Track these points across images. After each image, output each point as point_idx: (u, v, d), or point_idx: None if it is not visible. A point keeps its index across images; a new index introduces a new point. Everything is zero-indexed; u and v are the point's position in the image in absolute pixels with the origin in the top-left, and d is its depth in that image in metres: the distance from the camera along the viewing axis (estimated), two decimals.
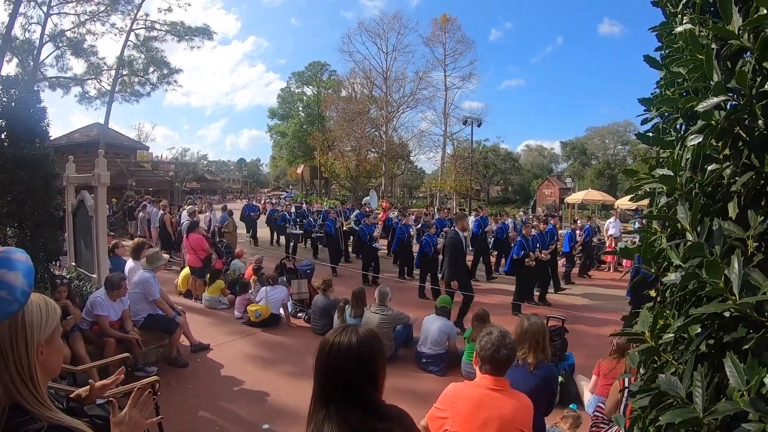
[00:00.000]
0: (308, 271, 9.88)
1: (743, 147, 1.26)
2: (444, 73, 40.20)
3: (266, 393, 5.54)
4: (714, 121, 1.27)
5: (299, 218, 17.19)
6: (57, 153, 7.83)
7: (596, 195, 33.82)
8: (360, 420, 1.46)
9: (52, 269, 6.18)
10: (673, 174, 1.39)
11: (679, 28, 1.52)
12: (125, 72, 30.55)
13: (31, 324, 1.35)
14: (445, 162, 42.50)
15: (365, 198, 21.05)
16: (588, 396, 5.11)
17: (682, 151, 1.43)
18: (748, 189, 1.23)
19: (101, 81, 30.10)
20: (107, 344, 5.51)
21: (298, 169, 53.45)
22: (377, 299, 6.77)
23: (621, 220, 18.10)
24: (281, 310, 8.20)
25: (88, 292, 6.23)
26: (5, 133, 5.47)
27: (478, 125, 34.14)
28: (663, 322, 1.44)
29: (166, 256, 8.54)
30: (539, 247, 10.15)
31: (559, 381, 4.99)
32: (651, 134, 1.73)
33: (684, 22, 1.55)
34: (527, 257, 9.57)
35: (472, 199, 41.20)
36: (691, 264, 1.24)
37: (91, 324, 5.63)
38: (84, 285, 6.55)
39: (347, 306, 7.16)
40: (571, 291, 11.86)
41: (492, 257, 14.20)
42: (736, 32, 1.21)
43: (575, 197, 34.24)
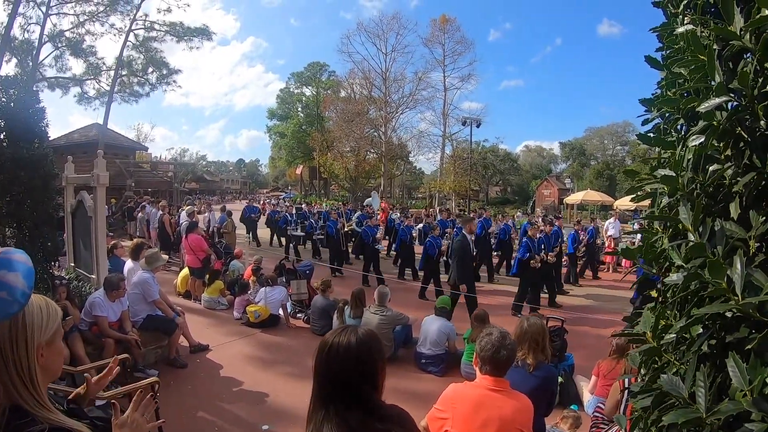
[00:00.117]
0: (307, 272, 9.88)
1: (745, 147, 1.26)
2: (443, 73, 40.18)
3: (265, 394, 5.54)
4: (716, 122, 1.28)
5: (300, 219, 17.10)
6: (56, 153, 7.83)
7: (595, 196, 33.89)
8: (359, 420, 1.45)
9: (51, 270, 6.17)
10: (674, 174, 1.39)
11: (680, 29, 1.52)
12: (124, 72, 30.49)
13: (31, 325, 1.34)
14: (444, 162, 42.51)
15: (367, 199, 20.99)
16: (588, 396, 5.12)
17: (683, 151, 1.43)
18: (749, 189, 1.23)
19: (100, 81, 30.06)
20: (106, 345, 5.51)
21: (297, 170, 53.44)
22: (376, 300, 6.77)
23: (620, 220, 18.12)
24: (280, 311, 8.19)
25: (87, 292, 6.23)
26: (4, 133, 5.46)
27: (477, 126, 34.11)
28: (665, 323, 1.44)
29: (165, 256, 8.52)
30: (545, 248, 10.06)
31: (559, 381, 4.99)
32: (652, 135, 1.73)
33: (685, 22, 1.55)
34: (532, 259, 9.47)
35: (471, 200, 41.20)
36: (693, 264, 1.24)
37: (90, 325, 5.63)
38: (83, 285, 6.55)
39: (346, 307, 7.16)
40: (573, 292, 11.84)
41: (495, 258, 14.16)
42: (738, 33, 1.21)
43: (574, 198, 34.30)
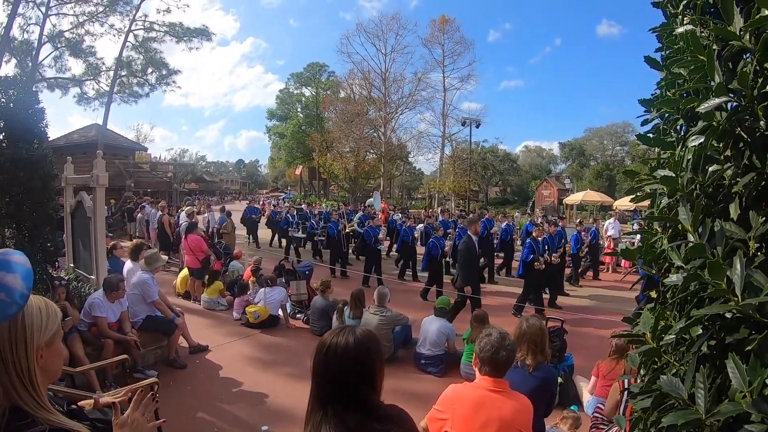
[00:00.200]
0: (307, 272, 9.87)
1: (744, 148, 1.26)
2: (443, 74, 40.28)
3: (265, 394, 5.53)
4: (715, 122, 1.27)
5: (301, 220, 17.00)
6: (55, 154, 7.81)
7: (595, 196, 33.90)
8: (358, 421, 1.45)
9: (51, 270, 6.16)
10: (674, 175, 1.39)
11: (680, 29, 1.52)
12: (124, 73, 30.55)
13: (31, 326, 1.34)
14: (444, 163, 42.54)
15: (368, 200, 20.94)
16: (587, 397, 5.12)
17: (683, 152, 1.43)
18: (749, 190, 1.22)
19: (100, 82, 30.15)
20: (105, 346, 5.50)
21: (297, 170, 53.47)
22: (376, 300, 6.76)
23: (620, 221, 18.13)
24: (280, 312, 8.18)
25: (86, 293, 6.22)
26: (3, 134, 5.46)
27: (477, 126, 34.16)
28: (664, 323, 1.44)
29: (165, 257, 8.50)
30: (548, 249, 9.98)
31: (559, 382, 4.99)
32: (651, 135, 1.73)
33: (685, 23, 1.55)
34: (536, 261, 9.37)
35: (470, 200, 41.22)
36: (693, 265, 1.24)
37: (90, 325, 5.62)
38: (82, 286, 6.54)
39: (346, 307, 7.16)
40: (574, 292, 11.82)
41: (499, 259, 14.13)
42: (738, 33, 1.21)
43: (574, 198, 34.30)
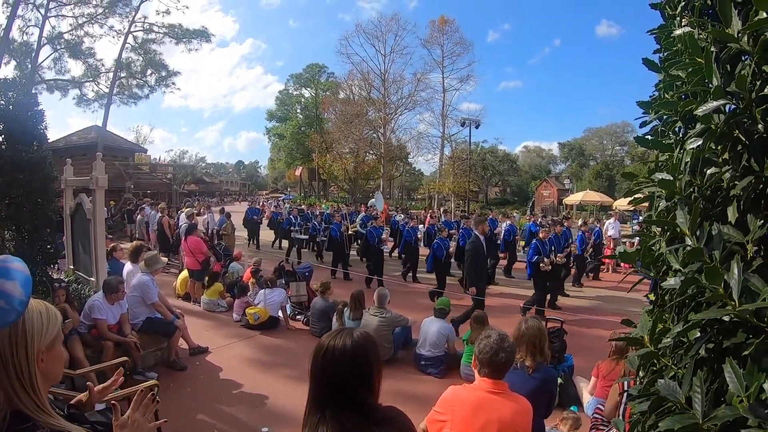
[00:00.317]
0: (306, 274, 9.86)
1: (743, 151, 1.25)
2: (442, 74, 40.23)
3: (265, 396, 5.53)
4: (713, 125, 1.27)
5: (304, 221, 16.96)
6: (55, 156, 7.81)
7: (594, 196, 33.92)
8: (355, 423, 1.45)
9: (51, 272, 6.16)
10: (672, 178, 1.39)
11: (678, 31, 1.52)
12: (123, 74, 30.47)
13: (31, 330, 1.34)
14: (444, 164, 42.52)
15: (371, 200, 20.86)
16: (587, 398, 5.11)
17: (681, 154, 1.43)
18: (747, 193, 1.22)
19: (99, 83, 30.02)
20: (105, 348, 5.49)
21: (297, 171, 53.47)
22: (376, 301, 6.76)
23: (620, 221, 18.12)
24: (280, 313, 8.18)
25: (86, 295, 6.21)
26: (3, 136, 5.45)
27: (476, 127, 34.14)
28: (662, 326, 1.44)
29: (165, 259, 8.51)
30: (554, 250, 9.87)
31: (559, 383, 4.99)
32: (650, 137, 1.73)
33: (683, 24, 1.55)
34: (541, 262, 9.25)
35: (470, 201, 41.22)
36: (691, 269, 1.24)
37: (90, 327, 5.62)
38: (82, 288, 6.54)
39: (346, 308, 7.15)
40: (574, 293, 11.80)
41: (503, 260, 14.07)
42: (736, 36, 1.21)
43: (573, 198, 34.31)
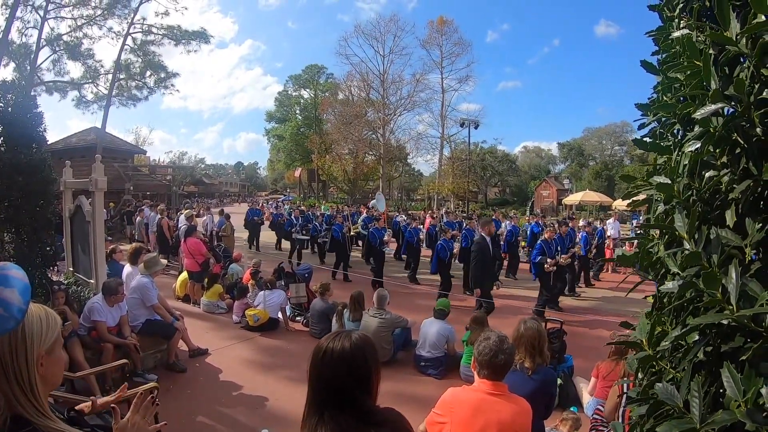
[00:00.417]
0: (306, 275, 9.85)
1: (741, 154, 1.25)
2: (441, 75, 40.28)
3: (265, 398, 5.53)
4: (712, 128, 1.27)
5: (305, 222, 16.87)
6: (54, 158, 7.82)
7: (594, 196, 33.95)
8: (353, 426, 1.45)
9: (50, 275, 6.16)
10: (670, 181, 1.39)
11: (676, 33, 1.52)
12: (122, 76, 30.47)
13: (31, 335, 1.35)
14: (443, 164, 42.55)
15: (372, 201, 20.79)
16: (587, 398, 5.11)
17: (679, 157, 1.43)
18: (746, 196, 1.22)
19: (98, 85, 30.02)
20: (105, 350, 5.49)
21: (296, 172, 53.46)
22: (375, 303, 6.76)
23: (619, 221, 18.12)
24: (279, 315, 8.18)
25: (85, 297, 6.21)
26: (2, 138, 5.46)
27: (476, 127, 34.14)
28: (661, 330, 1.44)
29: (164, 260, 8.51)
30: (559, 250, 9.81)
31: (558, 383, 4.99)
32: (648, 139, 1.73)
33: (681, 27, 1.55)
34: (545, 263, 9.23)
35: (469, 201, 41.23)
36: (689, 273, 1.24)
37: (89, 330, 5.62)
38: (82, 290, 6.53)
39: (345, 310, 7.15)
40: (584, 293, 11.78)
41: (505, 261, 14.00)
42: (734, 38, 1.21)
43: (573, 198, 34.36)
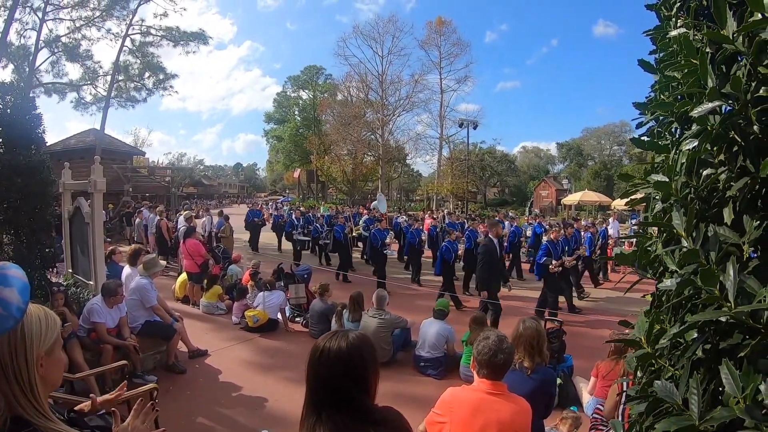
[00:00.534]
0: (305, 276, 9.86)
1: (738, 152, 1.26)
2: (439, 75, 40.36)
3: (264, 399, 5.52)
4: (709, 126, 1.27)
5: (306, 224, 16.76)
6: (53, 159, 7.81)
7: (593, 196, 33.96)
8: (351, 425, 1.45)
9: (49, 276, 6.15)
10: (668, 180, 1.39)
11: (673, 32, 1.52)
12: (121, 77, 30.45)
13: (30, 336, 1.35)
14: (442, 165, 42.57)
15: (374, 203, 20.74)
16: (587, 398, 5.11)
17: (677, 155, 1.43)
18: (743, 194, 1.22)
19: (97, 87, 30.00)
20: (105, 351, 5.49)
21: (295, 173, 53.43)
22: (375, 303, 6.76)
23: (618, 220, 18.14)
24: (279, 315, 8.18)
25: (85, 299, 6.20)
26: (1, 140, 5.45)
27: (474, 127, 34.21)
28: (659, 328, 1.44)
29: (163, 262, 8.50)
30: (566, 251, 9.72)
31: (558, 383, 4.99)
32: (646, 138, 1.73)
33: (678, 25, 1.55)
34: (550, 264, 9.14)
35: (468, 202, 41.25)
36: (687, 270, 1.24)
37: (89, 331, 5.62)
38: (81, 292, 6.52)
39: (345, 310, 7.15)
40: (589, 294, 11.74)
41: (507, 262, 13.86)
42: (731, 37, 1.21)
43: (572, 198, 34.36)
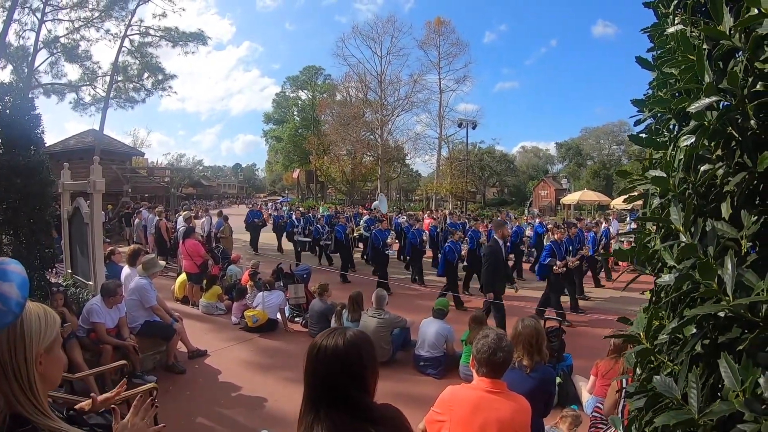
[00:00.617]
0: (305, 276, 9.86)
1: (736, 147, 1.26)
2: (438, 75, 40.55)
3: (264, 399, 5.52)
4: (706, 122, 1.27)
5: (306, 224, 16.64)
6: (52, 160, 7.80)
7: (592, 195, 33.98)
8: (349, 423, 1.45)
9: (49, 277, 6.15)
10: (665, 175, 1.39)
11: (670, 29, 1.52)
12: (120, 78, 30.46)
13: (29, 333, 1.35)
14: (441, 164, 42.61)
15: (374, 203, 20.71)
16: (586, 397, 5.12)
17: (674, 152, 1.43)
18: (741, 189, 1.23)
19: (96, 87, 30.02)
20: (104, 351, 5.49)
21: (294, 174, 53.44)
22: (374, 303, 6.76)
23: (618, 219, 18.16)
24: (278, 315, 8.18)
25: (84, 299, 6.20)
26: (0, 140, 5.45)
27: (473, 127, 34.26)
28: (658, 323, 1.44)
29: (163, 262, 8.50)
30: (570, 251, 9.70)
31: (558, 382, 4.99)
32: (644, 135, 1.74)
33: (676, 22, 1.55)
34: (554, 264, 9.09)
35: (467, 201, 41.28)
36: (685, 265, 1.24)
37: (88, 331, 5.62)
38: (80, 292, 6.52)
39: (344, 310, 7.15)
40: (592, 294, 11.76)
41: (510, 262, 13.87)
42: (728, 33, 1.21)
43: (571, 198, 34.36)
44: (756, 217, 1.18)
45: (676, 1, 1.61)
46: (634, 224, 16.71)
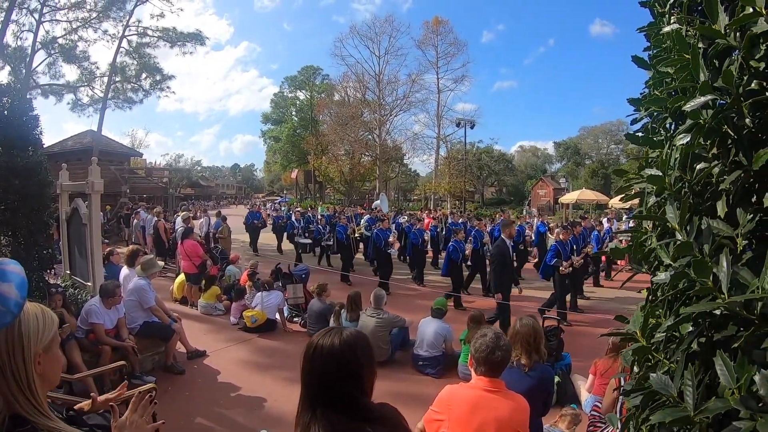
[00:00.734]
0: (303, 276, 9.86)
1: (731, 145, 1.26)
2: (436, 75, 40.43)
3: (263, 399, 5.52)
4: (702, 120, 1.28)
5: (306, 225, 16.56)
6: (50, 161, 7.77)
7: (590, 195, 33.94)
8: (346, 423, 1.45)
9: (47, 277, 6.14)
10: (661, 174, 1.40)
11: (666, 28, 1.53)
12: (118, 79, 30.35)
13: (27, 334, 1.35)
14: (439, 164, 42.60)
15: (375, 202, 20.67)
16: (585, 395, 5.12)
17: (670, 150, 1.44)
18: (736, 187, 1.23)
19: (94, 88, 29.90)
20: (103, 352, 5.48)
21: (293, 174, 53.38)
22: (373, 303, 6.76)
23: (616, 218, 18.17)
24: (277, 316, 8.18)
25: (83, 300, 6.19)
26: None
27: (471, 127, 34.36)
28: (654, 321, 1.45)
29: (161, 262, 8.49)
30: (575, 250, 9.66)
31: (556, 381, 5.00)
32: (641, 134, 1.74)
33: (671, 22, 1.56)
34: (560, 265, 9.04)
35: (466, 201, 41.30)
36: (681, 263, 1.25)
37: (87, 332, 5.61)
38: (79, 293, 6.51)
39: (343, 310, 7.15)
40: (593, 294, 11.75)
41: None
42: (723, 31, 1.22)
43: (569, 197, 34.31)
44: (751, 215, 1.19)
45: (671, 1, 1.62)
46: (631, 222, 16.74)
